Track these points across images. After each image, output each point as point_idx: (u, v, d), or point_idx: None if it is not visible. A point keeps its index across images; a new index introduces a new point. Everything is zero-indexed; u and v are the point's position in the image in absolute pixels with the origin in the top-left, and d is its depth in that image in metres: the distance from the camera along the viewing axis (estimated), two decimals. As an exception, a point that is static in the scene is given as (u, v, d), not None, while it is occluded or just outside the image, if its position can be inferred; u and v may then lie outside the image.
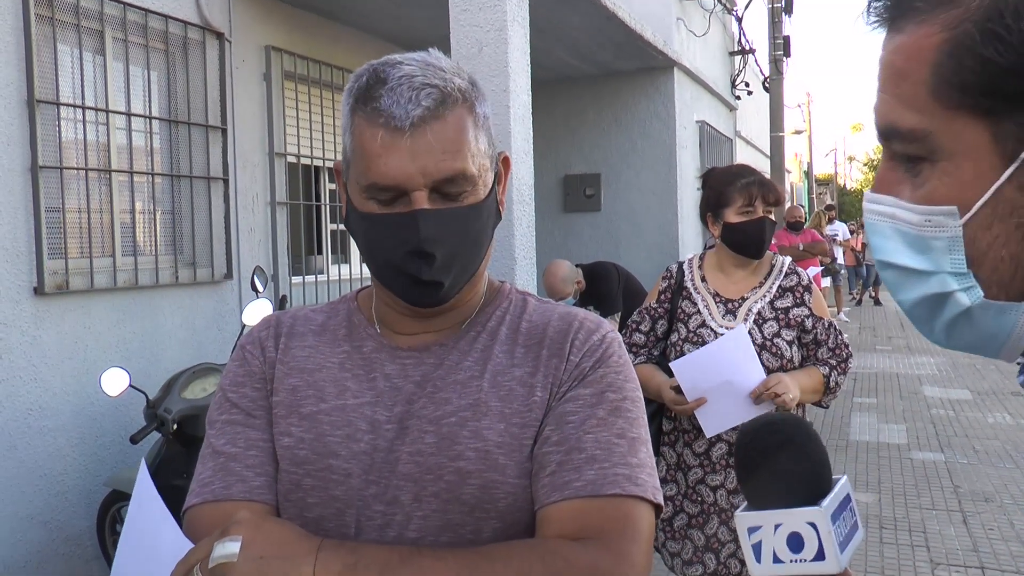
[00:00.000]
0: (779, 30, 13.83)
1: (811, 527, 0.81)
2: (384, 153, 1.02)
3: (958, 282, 0.65)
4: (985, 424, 7.44)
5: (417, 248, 1.04)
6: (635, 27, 6.69)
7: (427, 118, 1.02)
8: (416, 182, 1.02)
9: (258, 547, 0.90)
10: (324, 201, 5.83)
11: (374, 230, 1.06)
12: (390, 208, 1.05)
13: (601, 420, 1.07)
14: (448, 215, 1.05)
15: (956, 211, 0.64)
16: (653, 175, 8.10)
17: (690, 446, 2.65)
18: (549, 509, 1.03)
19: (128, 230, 4.30)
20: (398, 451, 1.07)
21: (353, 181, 1.08)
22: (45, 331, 3.77)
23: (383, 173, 1.02)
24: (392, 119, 1.02)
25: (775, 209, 2.70)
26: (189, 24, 4.55)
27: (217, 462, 1.11)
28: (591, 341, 1.12)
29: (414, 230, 1.03)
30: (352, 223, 1.11)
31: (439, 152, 1.03)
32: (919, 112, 0.63)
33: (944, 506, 5.34)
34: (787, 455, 0.84)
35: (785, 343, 2.59)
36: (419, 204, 1.03)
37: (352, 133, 1.06)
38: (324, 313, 1.23)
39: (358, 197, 1.07)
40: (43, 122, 3.79)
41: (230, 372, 1.19)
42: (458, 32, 3.96)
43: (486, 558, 0.95)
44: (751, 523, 0.84)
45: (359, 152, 1.05)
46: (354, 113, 1.06)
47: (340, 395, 1.12)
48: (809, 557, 0.81)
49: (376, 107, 1.03)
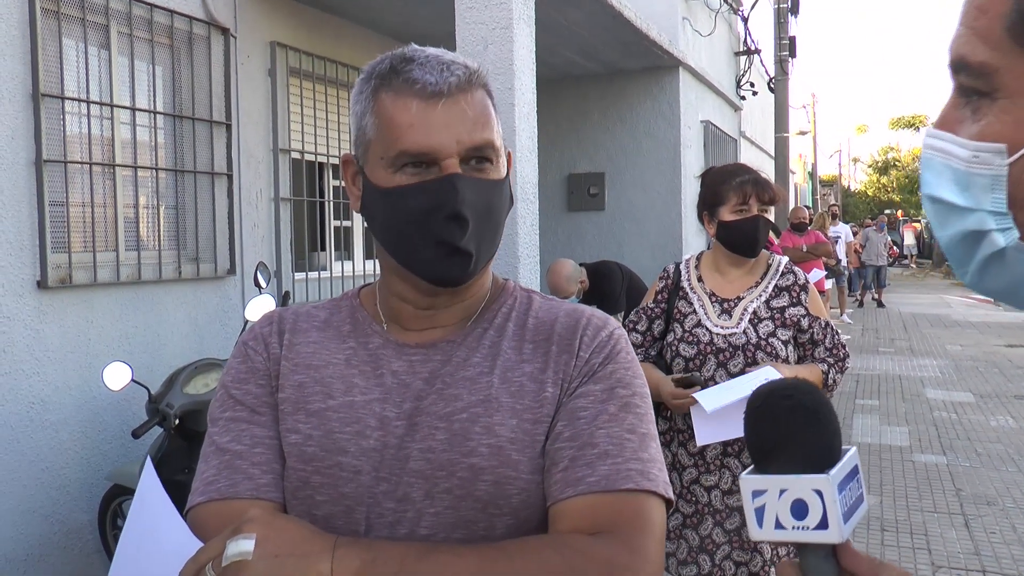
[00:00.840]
0: (785, 31, 13.81)
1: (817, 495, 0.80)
2: (417, 122, 1.03)
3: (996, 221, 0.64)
4: (988, 427, 7.42)
5: (455, 212, 1.03)
6: (641, 26, 6.68)
7: (461, 87, 1.05)
8: (449, 149, 1.03)
9: (273, 545, 0.89)
10: (328, 198, 5.83)
11: (405, 201, 1.05)
12: (419, 178, 1.04)
13: (612, 416, 1.07)
14: (478, 184, 1.06)
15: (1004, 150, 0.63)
16: (657, 175, 8.09)
17: (685, 446, 2.65)
18: (563, 504, 1.02)
19: (132, 225, 4.30)
20: (408, 448, 1.06)
21: (375, 159, 1.07)
22: (48, 325, 3.77)
23: (416, 140, 1.03)
24: (427, 86, 1.03)
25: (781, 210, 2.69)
26: (194, 19, 4.55)
27: (222, 460, 1.09)
28: (600, 337, 1.13)
29: (452, 193, 1.03)
30: (373, 204, 1.09)
31: (470, 121, 1.05)
32: (991, 47, 0.63)
33: (946, 509, 5.33)
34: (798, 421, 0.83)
35: (780, 343, 2.60)
36: (451, 171, 1.04)
37: (375, 112, 1.07)
38: (326, 310, 1.22)
39: (382, 174, 1.06)
40: (48, 116, 3.79)
41: (232, 368, 1.17)
42: (463, 29, 3.96)
43: (504, 553, 0.95)
44: (755, 487, 0.83)
45: (386, 126, 1.05)
46: (378, 92, 1.07)
47: (348, 391, 1.10)
48: (812, 525, 0.80)
49: (408, 78, 1.04)
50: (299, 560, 0.89)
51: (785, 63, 13.69)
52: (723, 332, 2.61)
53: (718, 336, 2.61)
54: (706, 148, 9.25)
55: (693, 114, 8.63)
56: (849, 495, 0.82)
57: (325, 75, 5.57)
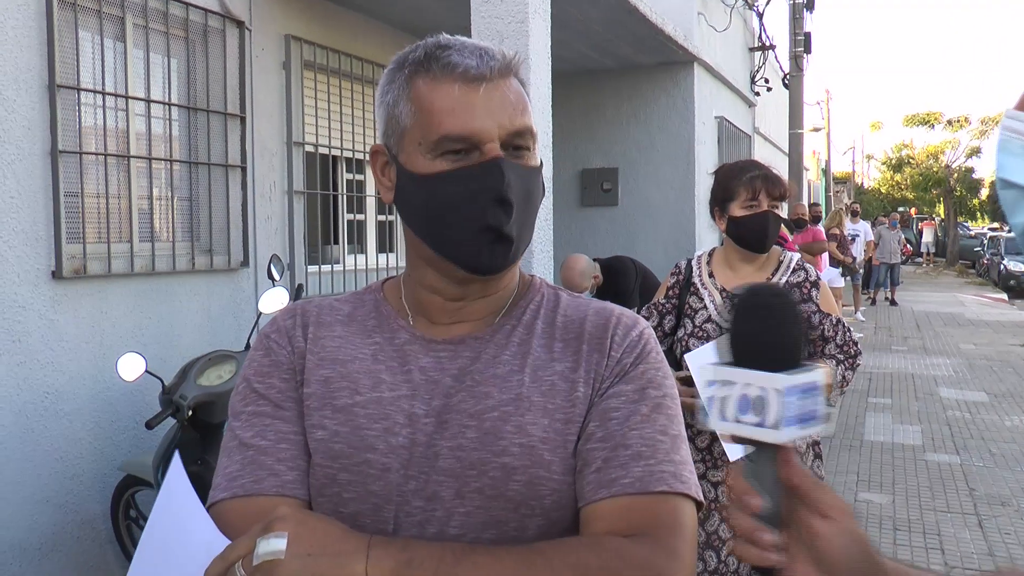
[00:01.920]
0: (800, 26, 13.73)
1: (766, 393, 0.80)
2: (459, 106, 1.02)
3: None
4: (1002, 427, 7.37)
5: (500, 195, 1.02)
6: (656, 21, 6.65)
7: (501, 72, 1.05)
8: (491, 133, 1.03)
9: (305, 543, 0.88)
10: (341, 191, 5.83)
11: (448, 186, 1.03)
12: (462, 163, 1.03)
13: (644, 416, 1.06)
14: (520, 170, 1.06)
15: None
16: (671, 170, 8.07)
17: (692, 441, 2.65)
18: (596, 506, 1.01)
19: (146, 216, 4.31)
20: (438, 445, 1.04)
21: (412, 146, 1.06)
22: (62, 315, 3.78)
23: (459, 124, 1.02)
24: (469, 70, 1.03)
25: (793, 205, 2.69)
26: (210, 12, 4.55)
27: (245, 455, 1.06)
28: (631, 337, 1.11)
29: (499, 176, 1.02)
30: (410, 192, 1.07)
31: (511, 106, 1.05)
32: None
33: (959, 509, 5.30)
34: (758, 318, 0.83)
35: None
36: (495, 154, 1.03)
37: (411, 99, 1.05)
38: (349, 303, 1.19)
39: (421, 161, 1.05)
40: (63, 107, 3.80)
41: (254, 362, 1.14)
42: (479, 23, 3.95)
43: (541, 555, 0.94)
44: (710, 376, 0.84)
45: (426, 111, 1.04)
46: (413, 79, 1.06)
47: (375, 387, 1.08)
48: (760, 422, 0.81)
49: (448, 63, 1.04)
50: (333, 560, 0.88)
51: (800, 59, 13.60)
52: None
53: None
54: (720, 144, 9.21)
55: (707, 110, 8.60)
56: (802, 406, 0.81)
57: (339, 68, 5.57)
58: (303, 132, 5.28)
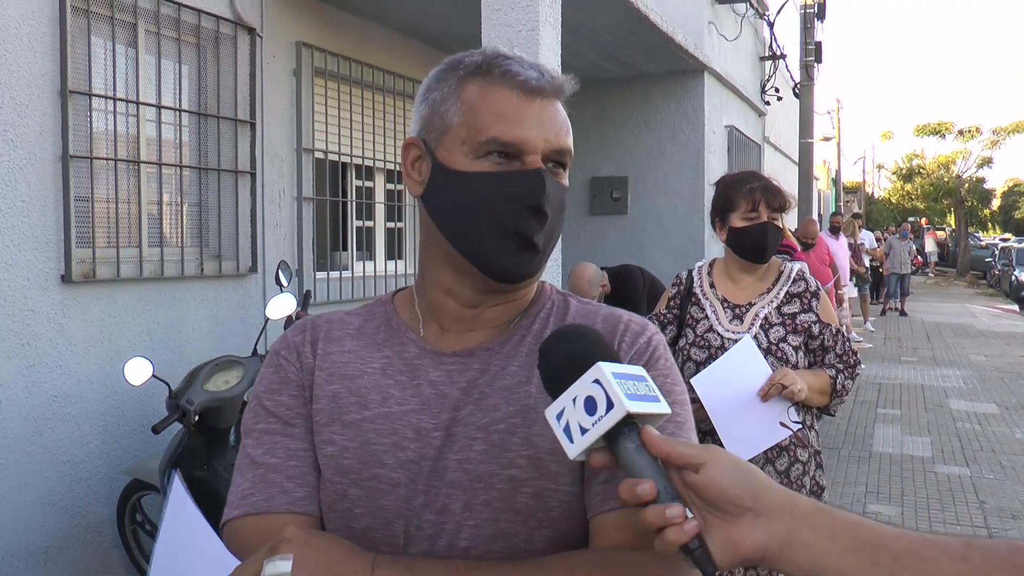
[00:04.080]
0: (811, 36, 13.70)
1: (597, 384, 0.86)
2: (513, 113, 1.05)
3: None
4: (1012, 439, 7.32)
5: (538, 204, 1.05)
6: (666, 30, 6.65)
7: (556, 90, 1.09)
8: (537, 145, 1.05)
9: (311, 565, 0.88)
10: (350, 198, 5.84)
11: (486, 186, 1.05)
12: (504, 167, 1.05)
13: None
14: (557, 185, 1.09)
15: None
16: (681, 179, 8.06)
17: None
18: (604, 517, 1.01)
19: (155, 221, 4.33)
20: (446, 459, 1.04)
21: (455, 144, 1.06)
22: (71, 319, 3.80)
23: (510, 130, 1.04)
24: (529, 80, 1.06)
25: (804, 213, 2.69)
26: (221, 19, 4.57)
27: (256, 473, 1.08)
28: (639, 343, 1.11)
29: (540, 187, 1.05)
30: (445, 187, 1.08)
31: (558, 125, 1.08)
32: None
33: (969, 522, 5.26)
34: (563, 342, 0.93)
35: (791, 348, 2.62)
36: (537, 165, 1.05)
37: (461, 99, 1.07)
38: (360, 316, 1.20)
39: (462, 159, 1.06)
40: (75, 112, 3.83)
41: (265, 379, 1.15)
42: (490, 31, 3.95)
43: (544, 570, 0.94)
44: (555, 410, 0.89)
45: (478, 112, 1.05)
46: (466, 82, 1.08)
47: (384, 402, 1.09)
48: (604, 412, 0.86)
49: (508, 71, 1.06)
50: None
51: (810, 68, 13.58)
52: (734, 337, 2.63)
53: (729, 341, 2.64)
54: (730, 153, 9.19)
55: (717, 119, 8.59)
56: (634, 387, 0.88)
57: (350, 76, 5.58)
58: (313, 139, 5.29)
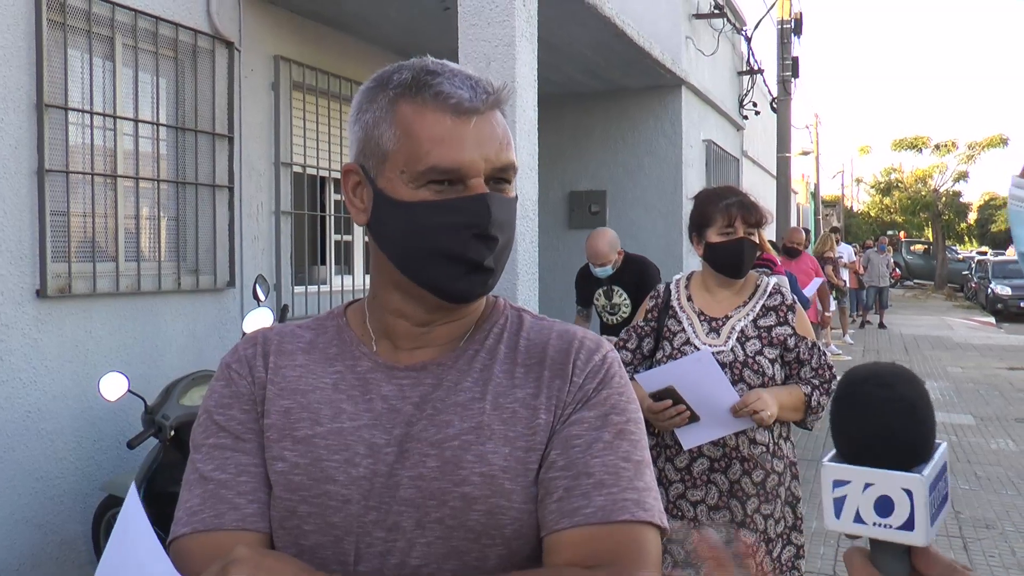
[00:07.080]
0: (788, 51, 13.85)
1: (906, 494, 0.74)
2: (449, 137, 1.01)
3: None
4: (987, 450, 7.39)
5: (485, 231, 1.02)
6: (644, 45, 6.71)
7: (490, 105, 1.05)
8: (479, 168, 1.03)
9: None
10: (329, 211, 5.84)
11: (431, 216, 1.02)
12: (447, 195, 1.02)
13: (607, 444, 1.04)
14: (505, 203, 1.06)
15: None
16: (659, 193, 8.11)
17: (672, 461, 2.69)
18: (558, 536, 1.00)
19: (132, 235, 4.31)
20: (398, 475, 1.03)
21: (393, 172, 1.04)
22: (46, 334, 3.77)
23: (448, 156, 1.01)
24: (462, 102, 1.02)
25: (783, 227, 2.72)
26: (199, 32, 4.57)
27: (206, 489, 1.05)
28: (593, 361, 1.10)
29: (485, 213, 1.02)
30: (388, 218, 1.05)
31: (497, 141, 1.05)
32: None
33: (944, 532, 5.30)
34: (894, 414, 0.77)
35: (767, 361, 2.64)
36: (480, 190, 1.03)
37: (396, 123, 1.03)
38: (312, 330, 1.17)
39: (403, 188, 1.03)
40: (51, 126, 3.81)
41: (215, 392, 1.13)
42: (466, 46, 3.98)
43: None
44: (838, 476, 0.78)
45: (413, 139, 1.02)
46: (399, 102, 1.04)
47: (336, 418, 1.07)
48: (896, 524, 0.75)
49: (439, 91, 1.02)
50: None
51: (788, 83, 13.72)
52: (711, 350, 2.63)
53: None
54: (708, 167, 9.26)
55: (695, 133, 8.66)
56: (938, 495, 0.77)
57: (328, 89, 5.60)
58: (291, 152, 5.30)
